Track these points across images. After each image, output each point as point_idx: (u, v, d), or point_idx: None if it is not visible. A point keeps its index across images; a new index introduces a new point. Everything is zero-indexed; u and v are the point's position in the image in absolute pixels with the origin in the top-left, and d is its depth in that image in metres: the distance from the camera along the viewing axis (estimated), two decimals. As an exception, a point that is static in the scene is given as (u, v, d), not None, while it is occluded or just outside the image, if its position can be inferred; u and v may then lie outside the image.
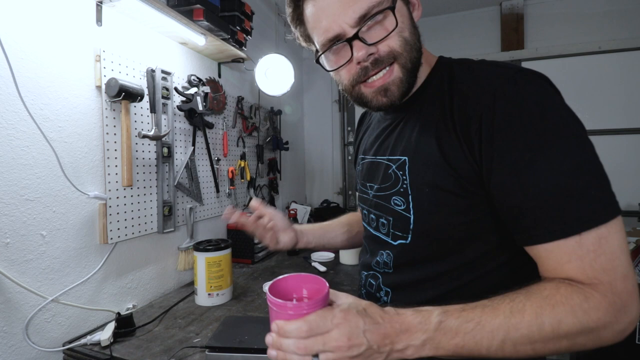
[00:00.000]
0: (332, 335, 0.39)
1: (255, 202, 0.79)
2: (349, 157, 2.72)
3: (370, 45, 0.48)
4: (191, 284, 1.26)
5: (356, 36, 0.48)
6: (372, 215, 0.63)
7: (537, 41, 2.25)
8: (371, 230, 0.64)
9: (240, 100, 1.76)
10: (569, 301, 0.38)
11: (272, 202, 2.12)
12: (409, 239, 0.54)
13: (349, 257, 1.58)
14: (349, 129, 2.72)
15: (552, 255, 0.42)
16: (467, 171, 0.47)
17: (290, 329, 0.40)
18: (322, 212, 2.40)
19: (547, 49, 2.18)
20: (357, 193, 0.75)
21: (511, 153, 0.43)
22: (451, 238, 0.46)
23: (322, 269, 1.48)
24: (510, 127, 0.43)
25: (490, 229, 0.49)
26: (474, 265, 0.50)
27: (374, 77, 0.51)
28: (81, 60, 0.97)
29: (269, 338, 0.42)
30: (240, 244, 1.61)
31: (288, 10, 0.56)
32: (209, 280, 1.13)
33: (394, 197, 0.56)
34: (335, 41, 0.50)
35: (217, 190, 1.57)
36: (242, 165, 1.76)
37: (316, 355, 0.41)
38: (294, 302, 0.47)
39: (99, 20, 1.02)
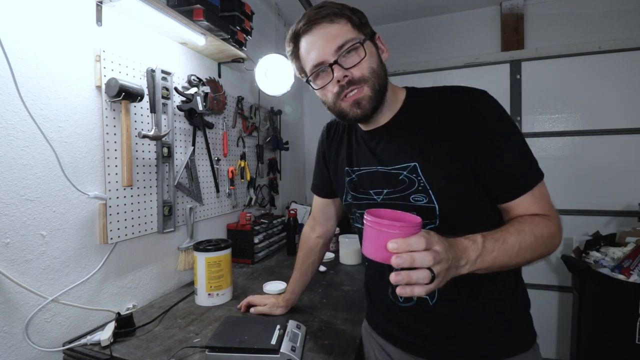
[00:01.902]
0: (437, 249, 0.49)
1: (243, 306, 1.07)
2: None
3: (345, 68, 0.65)
4: (191, 284, 1.26)
5: (335, 62, 0.65)
6: None
7: (537, 41, 2.25)
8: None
9: (240, 100, 1.76)
10: (542, 222, 0.62)
11: (272, 202, 2.12)
12: (437, 222, 0.68)
13: (349, 257, 1.58)
14: (349, 129, 2.71)
15: (522, 203, 0.64)
16: (466, 159, 0.65)
17: (412, 242, 0.47)
18: (322, 212, 2.40)
19: (547, 49, 2.18)
20: (349, 201, 0.82)
21: (493, 142, 0.64)
22: (467, 213, 0.62)
23: (322, 269, 1.48)
24: (490, 126, 0.65)
25: (481, 199, 0.68)
26: (484, 229, 0.63)
27: (350, 93, 0.67)
28: (81, 60, 0.97)
29: (399, 259, 0.47)
30: (240, 244, 1.61)
31: (288, 49, 0.73)
32: (209, 280, 1.13)
33: (413, 196, 0.69)
34: (320, 66, 0.67)
35: (217, 190, 1.57)
36: (242, 165, 1.76)
37: (430, 270, 0.48)
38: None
39: (99, 20, 1.02)
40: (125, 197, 1.09)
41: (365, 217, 0.53)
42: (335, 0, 0.69)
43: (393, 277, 0.49)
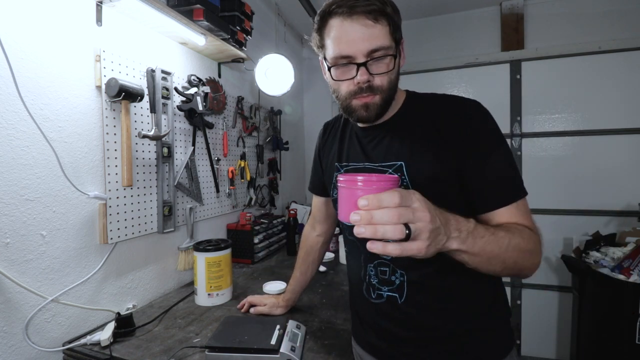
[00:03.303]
0: (416, 206, 0.45)
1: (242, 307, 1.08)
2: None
3: (370, 74, 0.65)
4: (191, 284, 1.26)
5: (364, 64, 0.63)
6: None
7: (537, 41, 2.25)
8: None
9: (240, 100, 1.76)
10: (527, 231, 0.61)
11: (272, 202, 2.12)
12: None
13: (349, 257, 1.58)
14: (349, 129, 2.71)
15: (505, 214, 0.63)
16: (451, 164, 0.66)
17: (384, 198, 0.43)
18: (322, 212, 2.40)
19: (547, 49, 2.18)
20: (335, 196, 0.82)
21: (481, 152, 0.65)
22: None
23: (322, 269, 1.48)
24: (478, 134, 0.66)
25: (463, 207, 0.66)
26: None
27: (363, 95, 0.68)
28: (81, 60, 0.97)
29: (356, 216, 0.44)
30: (240, 244, 1.61)
31: (316, 19, 0.69)
32: (209, 280, 1.13)
33: None
34: (346, 60, 0.65)
35: (217, 190, 1.57)
36: (242, 165, 1.76)
37: (406, 226, 0.43)
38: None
39: (99, 20, 1.02)
40: (125, 197, 1.09)
41: (338, 178, 0.50)
42: None
43: (355, 230, 0.44)
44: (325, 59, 0.70)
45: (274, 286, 1.26)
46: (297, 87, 2.59)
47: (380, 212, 0.43)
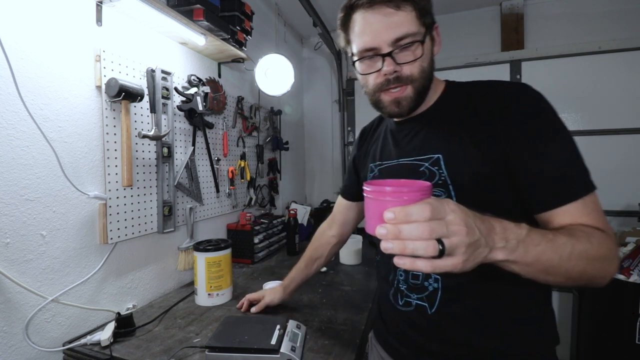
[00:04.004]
0: (451, 219, 0.39)
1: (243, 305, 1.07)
2: (349, 157, 2.72)
3: (397, 64, 0.61)
4: (191, 284, 1.26)
5: (389, 54, 0.60)
6: None
7: (537, 41, 2.25)
8: None
9: (240, 100, 1.76)
10: (597, 233, 0.51)
11: (272, 202, 2.12)
12: None
13: (349, 257, 1.58)
14: (349, 129, 2.72)
15: (568, 213, 0.54)
16: (498, 158, 0.58)
17: (413, 211, 0.38)
18: (322, 212, 2.40)
19: (547, 49, 2.18)
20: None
21: (534, 141, 0.56)
22: (488, 214, 0.49)
23: (322, 269, 1.48)
24: (532, 123, 0.57)
25: (514, 207, 0.59)
26: None
27: (393, 89, 0.64)
28: (81, 60, 0.97)
29: (382, 229, 0.39)
30: (240, 244, 1.61)
31: (340, 15, 0.67)
32: (209, 280, 1.13)
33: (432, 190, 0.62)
34: (371, 52, 0.62)
35: (217, 190, 1.57)
36: (242, 165, 1.76)
37: (439, 241, 0.38)
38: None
39: (99, 20, 1.02)
40: (125, 197, 1.09)
41: (364, 187, 0.46)
42: None
43: (382, 245, 0.40)
44: (352, 55, 0.67)
45: (274, 286, 1.26)
46: (297, 87, 2.59)
47: (409, 226, 0.38)
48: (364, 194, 0.46)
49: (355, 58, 0.66)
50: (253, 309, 1.05)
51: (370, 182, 0.48)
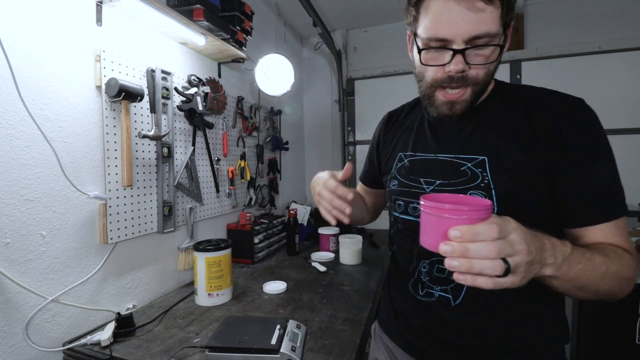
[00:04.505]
0: (514, 238, 0.40)
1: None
2: (349, 157, 2.72)
3: (467, 64, 0.56)
4: (191, 284, 1.26)
5: (462, 51, 0.55)
6: None
7: (537, 41, 2.25)
8: None
9: (240, 100, 1.76)
10: (626, 255, 0.54)
11: (272, 202, 2.12)
12: None
13: (349, 257, 1.58)
14: (349, 129, 2.72)
15: (601, 232, 0.56)
16: (543, 167, 0.58)
17: (481, 231, 0.39)
18: (322, 212, 2.40)
19: (547, 49, 2.18)
20: (392, 187, 0.76)
21: (583, 159, 0.57)
22: (526, 223, 0.49)
23: (322, 269, 1.48)
24: (581, 139, 0.58)
25: (547, 218, 0.60)
26: None
27: (450, 90, 0.60)
28: (81, 60, 0.97)
29: (447, 247, 0.40)
30: (240, 244, 1.61)
31: None
32: (209, 280, 1.13)
33: (471, 192, 0.62)
34: (441, 44, 0.56)
35: (217, 190, 1.57)
36: (242, 165, 1.76)
37: (504, 260, 0.39)
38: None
39: (99, 20, 1.02)
40: (125, 197, 1.09)
41: (421, 202, 0.46)
42: None
43: (447, 263, 0.40)
44: (416, 35, 0.60)
45: (274, 286, 1.26)
46: (297, 87, 2.59)
47: (476, 245, 0.39)
48: (421, 208, 0.46)
49: (419, 42, 0.59)
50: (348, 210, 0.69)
51: (427, 197, 0.48)
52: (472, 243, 0.39)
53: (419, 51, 0.60)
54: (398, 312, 0.77)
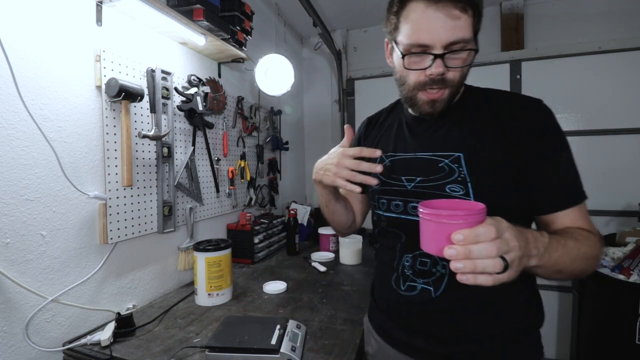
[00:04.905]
0: (507, 236, 0.45)
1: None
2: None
3: (446, 67, 0.62)
4: (191, 284, 1.26)
5: (441, 56, 0.60)
6: (413, 204, 0.71)
7: (537, 41, 2.25)
8: (412, 217, 0.71)
9: (240, 100, 1.76)
10: (591, 237, 0.61)
11: (272, 202, 2.12)
12: None
13: (349, 257, 1.58)
14: (349, 129, 2.71)
15: (568, 216, 0.63)
16: (513, 161, 0.64)
17: (481, 232, 0.43)
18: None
19: (547, 49, 2.18)
20: (373, 187, 0.77)
21: (550, 152, 0.64)
22: (500, 213, 0.53)
23: (322, 269, 1.48)
24: (549, 136, 0.64)
25: (520, 207, 0.66)
26: None
27: (431, 90, 0.65)
28: (81, 60, 0.97)
29: (451, 250, 0.43)
30: (240, 244, 1.61)
31: (394, 1, 0.66)
32: (209, 280, 1.13)
33: (449, 186, 0.67)
34: (422, 50, 0.62)
35: (217, 190, 1.57)
36: (242, 165, 1.76)
37: (502, 258, 0.43)
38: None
39: (99, 20, 1.02)
40: (125, 197, 1.09)
41: (419, 209, 0.49)
42: None
43: (453, 265, 0.44)
44: (395, 42, 0.66)
45: (274, 286, 1.26)
46: (297, 87, 2.59)
47: (478, 246, 0.43)
48: (420, 215, 0.49)
49: (401, 49, 0.64)
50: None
51: (425, 204, 0.50)
52: (474, 245, 0.43)
53: (402, 57, 0.64)
54: (382, 307, 0.80)
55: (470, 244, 0.43)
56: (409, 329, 0.72)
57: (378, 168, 0.66)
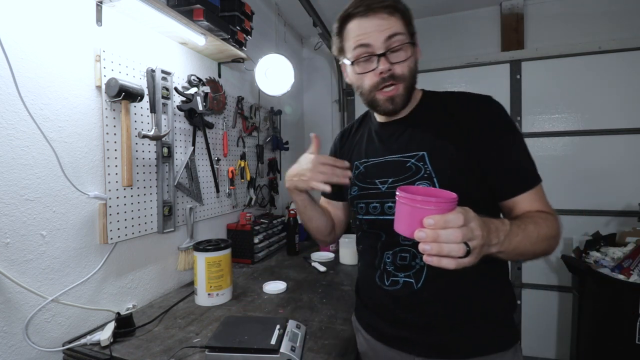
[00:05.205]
0: (473, 225, 0.49)
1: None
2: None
3: (391, 63, 0.69)
4: (191, 284, 1.26)
5: (384, 54, 0.68)
6: (389, 204, 0.76)
7: (537, 41, 2.25)
8: (389, 217, 0.75)
9: (240, 100, 1.76)
10: (550, 218, 0.66)
11: (272, 202, 2.12)
12: None
13: (348, 257, 1.58)
14: (349, 129, 2.72)
15: (526, 199, 0.68)
16: (474, 154, 0.70)
17: (450, 219, 0.47)
18: (322, 212, 2.40)
19: (547, 49, 2.18)
20: (353, 194, 0.84)
21: (501, 141, 0.70)
22: (466, 204, 0.56)
23: (322, 269, 1.48)
24: (499, 127, 0.71)
25: (483, 196, 0.71)
26: None
27: (386, 88, 0.71)
28: (81, 60, 0.97)
29: (422, 233, 0.47)
30: (240, 244, 1.61)
31: (335, 25, 0.75)
32: (208, 280, 1.13)
33: (418, 183, 0.72)
34: (367, 51, 0.69)
35: (217, 190, 1.57)
36: (242, 165, 1.76)
37: (466, 244, 0.47)
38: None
39: (99, 20, 1.02)
40: (125, 197, 1.09)
41: (397, 193, 0.52)
42: None
43: (421, 247, 0.48)
44: (346, 59, 0.74)
45: (274, 286, 1.26)
46: (297, 87, 2.59)
47: (446, 232, 0.46)
48: (397, 199, 0.52)
49: (350, 61, 0.72)
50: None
51: (403, 189, 0.54)
52: (443, 230, 0.47)
53: (352, 64, 0.72)
54: (368, 305, 0.83)
55: (439, 229, 0.46)
56: (396, 323, 0.76)
57: (348, 173, 0.73)
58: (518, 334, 0.76)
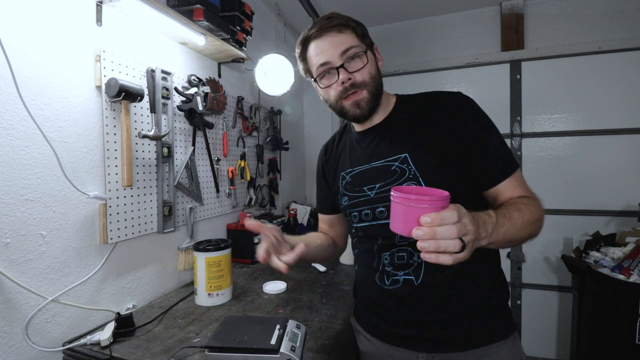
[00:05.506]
0: (465, 221, 0.51)
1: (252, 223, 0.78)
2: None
3: (350, 72, 0.74)
4: (191, 284, 1.26)
5: (342, 66, 0.74)
6: (380, 209, 0.78)
7: (537, 41, 2.25)
8: (382, 221, 0.78)
9: (240, 100, 1.76)
10: (532, 202, 0.69)
11: (272, 202, 2.12)
12: None
13: (349, 257, 1.58)
14: (349, 129, 2.71)
15: (508, 186, 0.72)
16: (453, 150, 0.73)
17: (446, 216, 0.49)
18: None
19: (547, 49, 2.18)
20: (344, 203, 0.86)
21: (477, 134, 0.74)
22: (452, 199, 0.58)
23: (322, 268, 1.48)
24: (473, 121, 0.75)
25: (466, 189, 0.74)
26: None
27: (350, 95, 0.76)
28: (81, 60, 0.97)
29: (419, 231, 0.49)
30: (240, 244, 1.61)
31: (297, 50, 0.81)
32: (208, 280, 1.13)
33: (405, 184, 0.75)
34: (327, 66, 0.75)
35: (217, 190, 1.57)
36: (242, 165, 1.76)
37: (460, 239, 0.49)
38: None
39: (99, 20, 1.02)
40: (125, 197, 1.09)
41: (392, 193, 0.54)
42: (342, 13, 0.79)
43: (419, 244, 0.49)
44: (313, 78, 0.80)
45: (274, 286, 1.26)
46: (297, 87, 2.59)
47: (442, 228, 0.48)
48: (392, 199, 0.54)
49: (315, 76, 0.78)
50: (286, 259, 0.75)
51: (397, 189, 0.55)
52: (439, 227, 0.48)
53: (315, 80, 0.79)
54: (368, 306, 0.84)
55: (435, 226, 0.48)
56: (399, 322, 0.77)
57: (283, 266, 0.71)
58: (514, 323, 0.79)
